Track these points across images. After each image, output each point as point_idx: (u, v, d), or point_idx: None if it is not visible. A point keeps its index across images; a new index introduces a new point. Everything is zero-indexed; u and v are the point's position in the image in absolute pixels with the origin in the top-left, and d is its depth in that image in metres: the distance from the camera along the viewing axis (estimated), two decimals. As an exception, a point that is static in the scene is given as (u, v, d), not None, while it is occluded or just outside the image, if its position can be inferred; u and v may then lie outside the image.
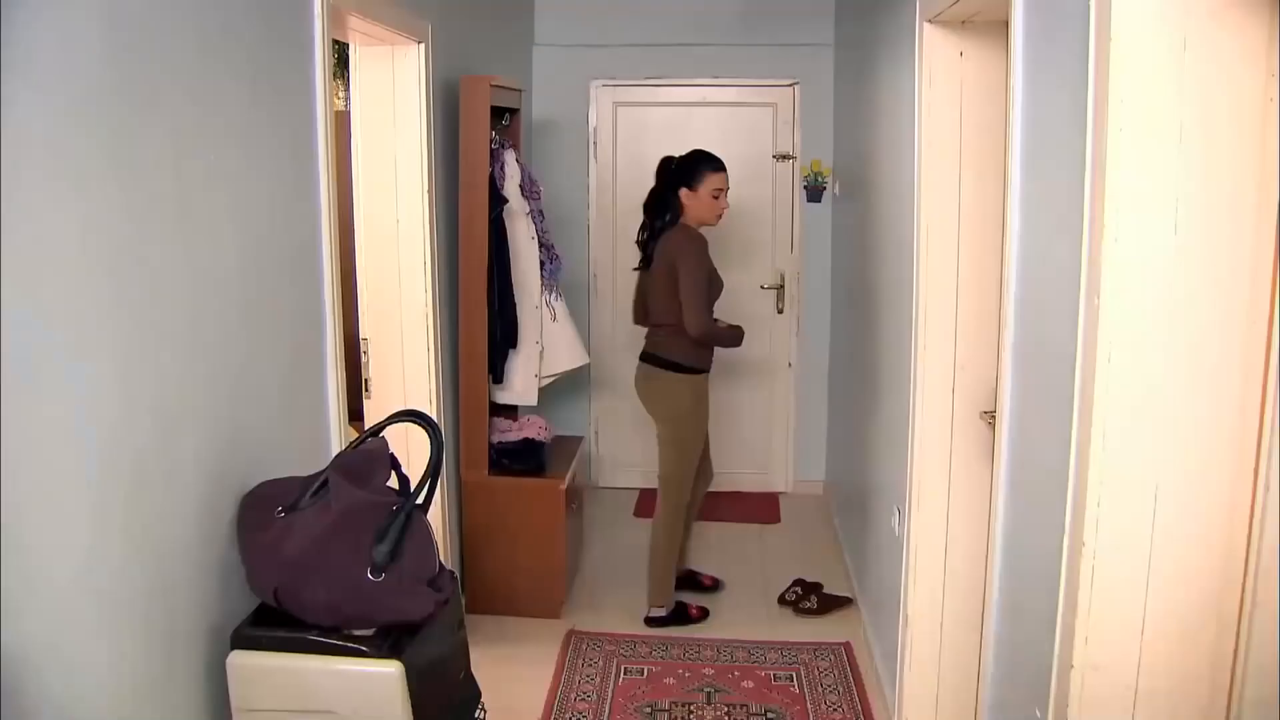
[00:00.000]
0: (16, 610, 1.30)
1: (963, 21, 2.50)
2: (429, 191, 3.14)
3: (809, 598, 3.82)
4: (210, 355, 1.81)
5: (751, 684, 3.27)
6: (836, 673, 3.34)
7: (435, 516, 2.78)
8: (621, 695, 3.21)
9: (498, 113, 3.67)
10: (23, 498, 1.31)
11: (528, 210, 3.70)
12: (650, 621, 3.66)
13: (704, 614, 3.72)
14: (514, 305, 3.66)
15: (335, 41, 2.70)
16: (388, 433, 1.96)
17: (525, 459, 3.72)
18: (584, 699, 3.18)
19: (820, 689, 3.24)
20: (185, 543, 1.73)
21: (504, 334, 3.64)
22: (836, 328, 4.73)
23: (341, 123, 3.06)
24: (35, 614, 1.34)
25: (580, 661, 3.41)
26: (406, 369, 3.23)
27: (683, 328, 3.42)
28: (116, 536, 1.52)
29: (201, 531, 1.78)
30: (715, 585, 3.97)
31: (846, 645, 3.53)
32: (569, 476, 3.75)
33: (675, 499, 3.61)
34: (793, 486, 5.13)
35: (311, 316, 2.29)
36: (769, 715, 3.10)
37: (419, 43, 3.07)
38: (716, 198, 3.50)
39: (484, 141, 3.46)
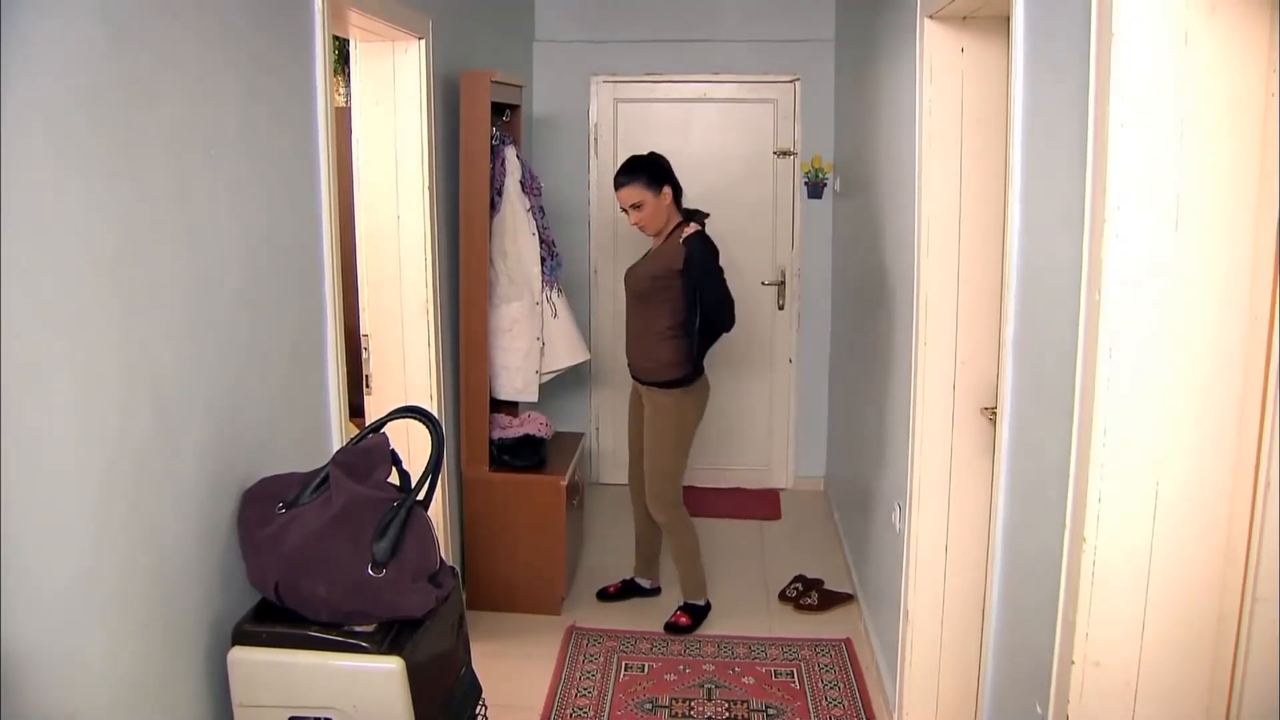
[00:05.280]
0: (17, 607, 1.30)
1: (964, 17, 2.49)
2: (429, 187, 3.13)
3: (809, 594, 3.82)
4: (210, 351, 1.81)
5: (752, 680, 3.27)
6: (837, 669, 3.35)
7: (436, 512, 2.77)
8: (622, 691, 3.21)
9: (498, 109, 3.66)
10: (23, 494, 1.31)
11: (528, 206, 3.70)
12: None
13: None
14: None
15: (335, 37, 2.70)
16: (388, 428, 1.96)
17: (526, 455, 3.72)
18: (584, 695, 3.19)
19: (821, 685, 3.25)
20: (186, 539, 1.73)
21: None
22: (837, 323, 4.73)
23: (342, 119, 3.06)
24: (36, 610, 1.34)
25: (581, 657, 3.42)
26: (407, 365, 3.23)
27: None
28: (117, 533, 1.52)
29: (202, 527, 1.78)
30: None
31: (847, 641, 3.54)
32: (569, 473, 3.75)
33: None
34: (793, 482, 5.13)
35: (312, 312, 2.28)
36: (769, 711, 3.10)
37: (419, 38, 3.07)
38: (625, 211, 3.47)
39: (484, 137, 3.45)
